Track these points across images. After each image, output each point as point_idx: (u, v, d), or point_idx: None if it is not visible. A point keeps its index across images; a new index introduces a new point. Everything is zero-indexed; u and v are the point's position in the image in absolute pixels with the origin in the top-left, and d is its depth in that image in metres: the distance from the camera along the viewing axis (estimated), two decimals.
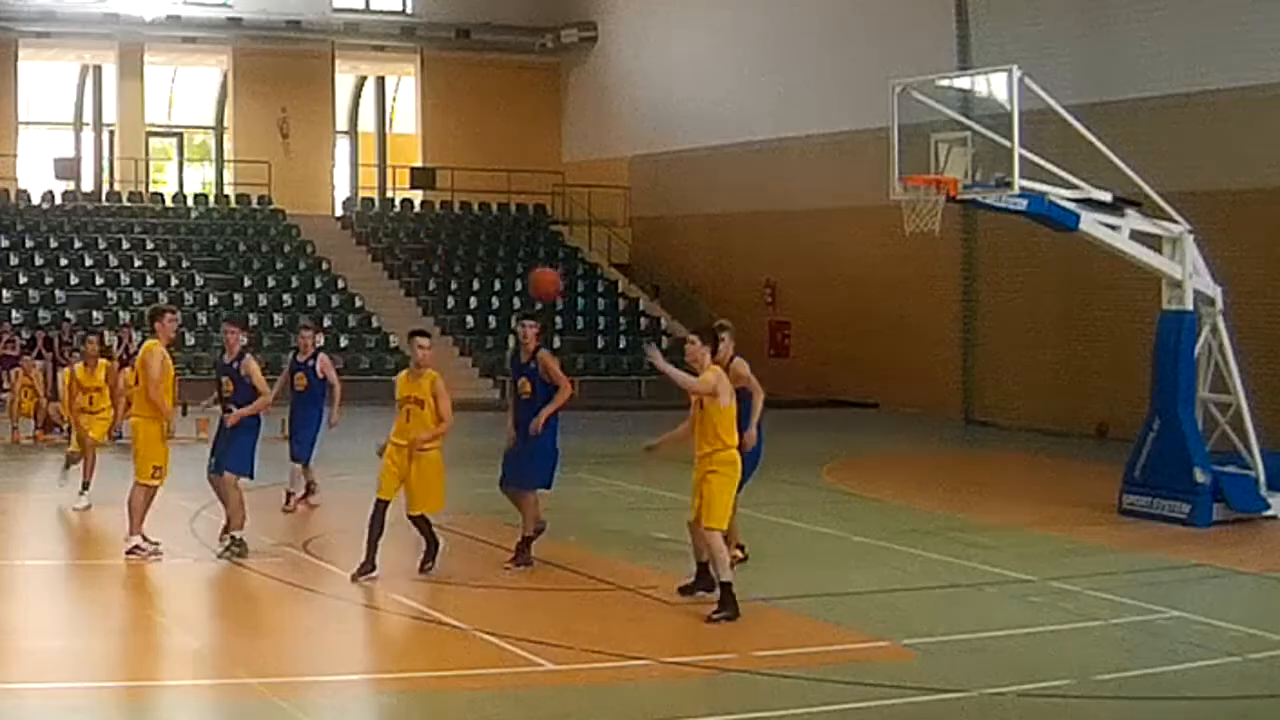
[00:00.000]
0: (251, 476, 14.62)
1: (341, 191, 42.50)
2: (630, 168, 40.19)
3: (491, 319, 36.40)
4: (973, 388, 30.61)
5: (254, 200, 39.33)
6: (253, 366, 14.68)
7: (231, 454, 14.47)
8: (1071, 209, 17.41)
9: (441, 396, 13.37)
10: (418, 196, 41.60)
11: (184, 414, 25.47)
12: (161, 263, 35.77)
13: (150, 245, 36.44)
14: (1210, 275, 17.98)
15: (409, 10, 41.52)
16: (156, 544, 14.17)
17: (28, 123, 39.87)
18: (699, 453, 12.17)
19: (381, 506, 13.28)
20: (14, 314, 32.09)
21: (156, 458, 14.15)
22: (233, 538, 14.31)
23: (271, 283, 35.84)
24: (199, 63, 41.52)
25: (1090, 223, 17.52)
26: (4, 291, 33.15)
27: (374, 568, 13.19)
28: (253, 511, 16.86)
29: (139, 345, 26.64)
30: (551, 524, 14.71)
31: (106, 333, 31.32)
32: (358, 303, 35.96)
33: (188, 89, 42.90)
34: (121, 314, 32.95)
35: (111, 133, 40.50)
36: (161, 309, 14.85)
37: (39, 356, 27.76)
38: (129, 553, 14.02)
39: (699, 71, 37.35)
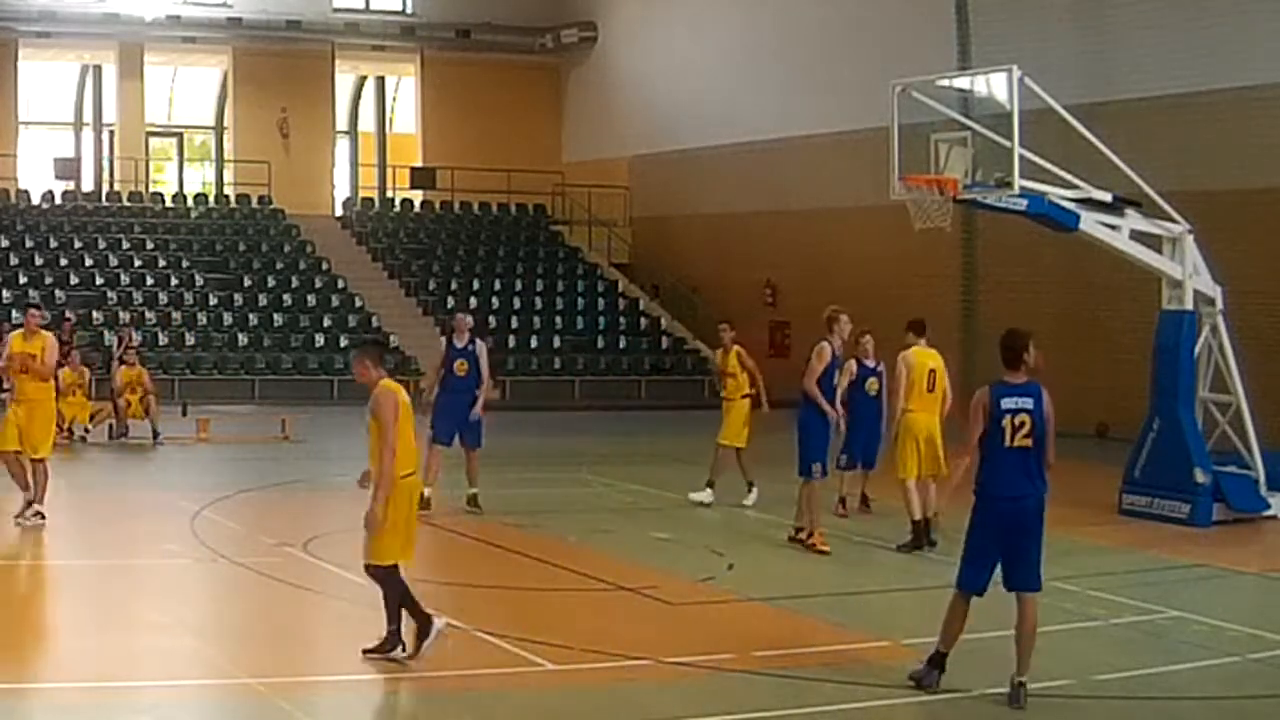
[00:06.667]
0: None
1: (341, 191, 42.50)
2: (630, 168, 40.16)
3: (492, 319, 36.39)
4: (972, 388, 30.44)
5: (254, 200, 39.31)
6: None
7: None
8: (1071, 209, 17.38)
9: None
10: (418, 196, 41.59)
11: (184, 414, 25.60)
12: (161, 263, 35.76)
13: (150, 245, 36.43)
14: (1210, 275, 17.96)
15: (409, 10, 41.50)
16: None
17: (28, 123, 39.85)
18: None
19: None
20: (14, 314, 32.06)
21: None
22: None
23: (271, 283, 35.83)
24: (199, 63, 41.52)
25: (1090, 223, 17.50)
26: (4, 291, 33.12)
27: None
28: (252, 510, 16.87)
29: (139, 345, 26.85)
30: (551, 524, 14.73)
31: (106, 332, 31.47)
32: (358, 303, 35.95)
33: (188, 89, 42.89)
34: (121, 314, 32.95)
35: (111, 133, 40.48)
36: None
37: None
38: None
39: (699, 71, 37.32)
